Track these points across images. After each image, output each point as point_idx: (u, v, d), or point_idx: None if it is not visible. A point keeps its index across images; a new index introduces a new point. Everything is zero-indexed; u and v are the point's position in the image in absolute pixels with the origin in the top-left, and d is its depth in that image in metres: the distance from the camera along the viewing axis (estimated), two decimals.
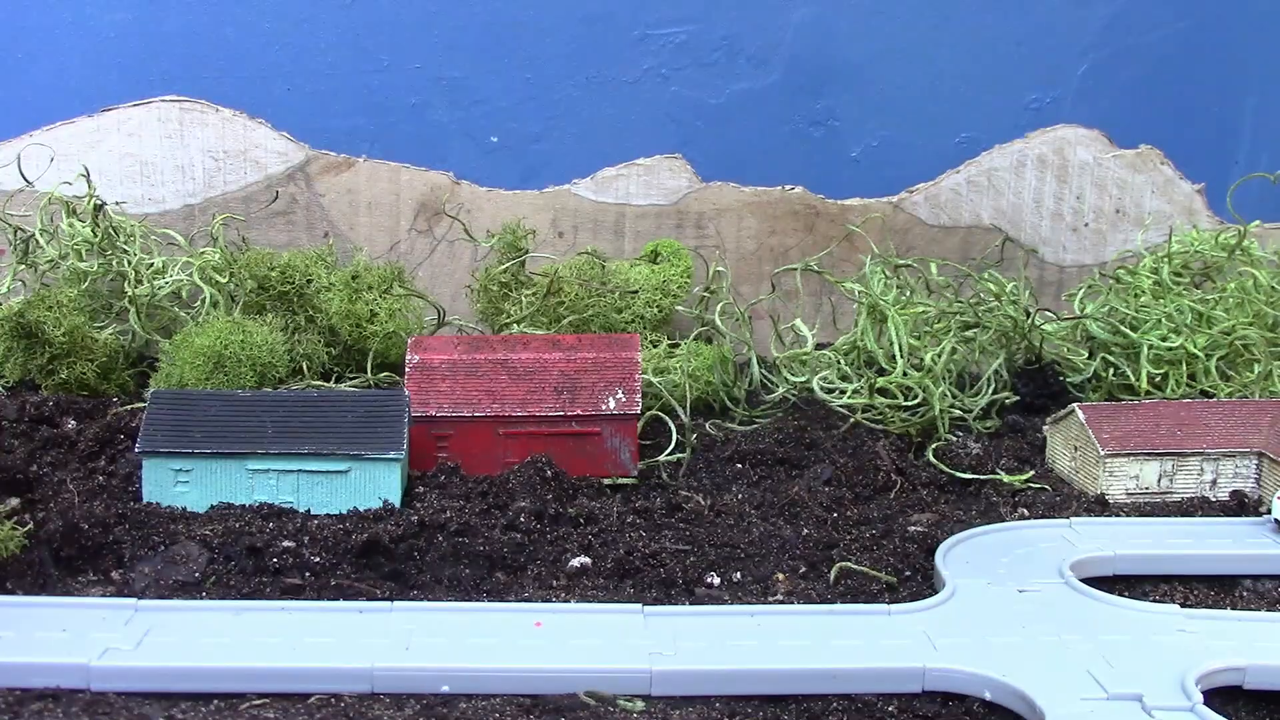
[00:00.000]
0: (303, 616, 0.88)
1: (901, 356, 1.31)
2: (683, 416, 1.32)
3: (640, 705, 0.80)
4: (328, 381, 1.47)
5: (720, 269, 1.60)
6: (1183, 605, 0.96)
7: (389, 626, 0.86)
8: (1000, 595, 0.94)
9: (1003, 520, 1.13)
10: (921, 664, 0.83)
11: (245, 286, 1.49)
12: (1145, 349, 1.41)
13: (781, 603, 0.97)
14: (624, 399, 1.22)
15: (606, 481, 1.22)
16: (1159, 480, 1.19)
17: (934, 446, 1.29)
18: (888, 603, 0.97)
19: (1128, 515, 1.15)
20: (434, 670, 0.81)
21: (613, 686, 0.80)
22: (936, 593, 0.96)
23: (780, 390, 1.43)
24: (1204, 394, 1.39)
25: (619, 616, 0.89)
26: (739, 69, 1.72)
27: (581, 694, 0.80)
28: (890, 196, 1.75)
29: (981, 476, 1.24)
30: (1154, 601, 0.98)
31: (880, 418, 1.33)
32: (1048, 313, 1.51)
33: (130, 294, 1.44)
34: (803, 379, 1.38)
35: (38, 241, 1.48)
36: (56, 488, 1.13)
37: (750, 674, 0.82)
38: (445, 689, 0.80)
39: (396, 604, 0.90)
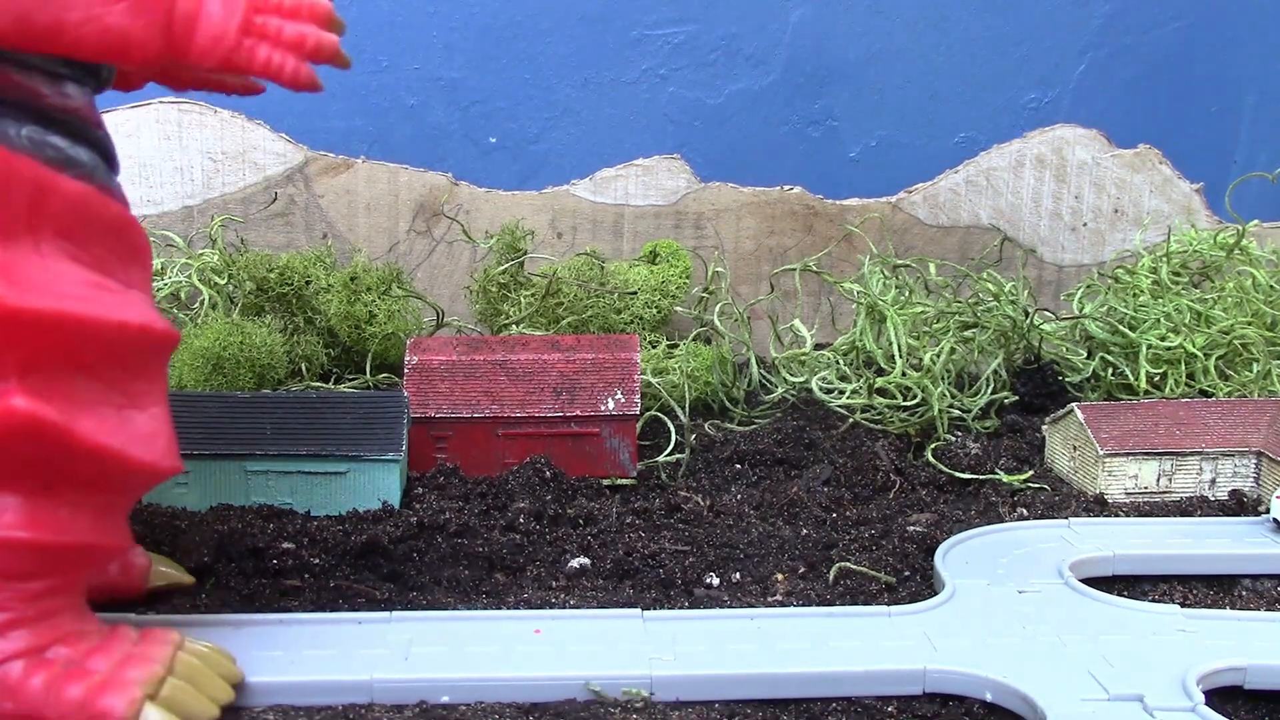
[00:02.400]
0: (301, 629, 0.88)
1: (900, 356, 1.31)
2: (681, 417, 1.32)
3: (645, 694, 0.80)
4: (326, 383, 1.47)
5: (719, 269, 1.61)
6: (1182, 605, 0.96)
7: (388, 637, 0.86)
8: (1000, 596, 0.94)
9: (1002, 520, 1.13)
10: (922, 666, 0.83)
11: (244, 288, 1.49)
12: (1144, 348, 1.41)
13: (780, 603, 0.97)
14: (623, 400, 1.22)
15: (605, 482, 1.22)
16: (1158, 480, 1.19)
17: (933, 446, 1.29)
18: (887, 603, 0.97)
19: (1126, 515, 1.15)
20: (433, 681, 0.81)
21: (613, 691, 0.80)
22: (935, 593, 0.96)
23: (779, 391, 1.43)
24: (1203, 393, 1.40)
25: (618, 621, 0.89)
26: (737, 69, 1.72)
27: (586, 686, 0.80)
28: (889, 196, 1.75)
29: (980, 476, 1.24)
30: (1153, 601, 0.98)
31: (879, 418, 1.33)
32: (1046, 312, 1.51)
33: None
34: (801, 379, 1.38)
35: None
36: None
37: (750, 678, 0.82)
38: (445, 699, 0.80)
39: (395, 614, 0.89)
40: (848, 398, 1.33)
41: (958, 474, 1.24)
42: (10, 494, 0.68)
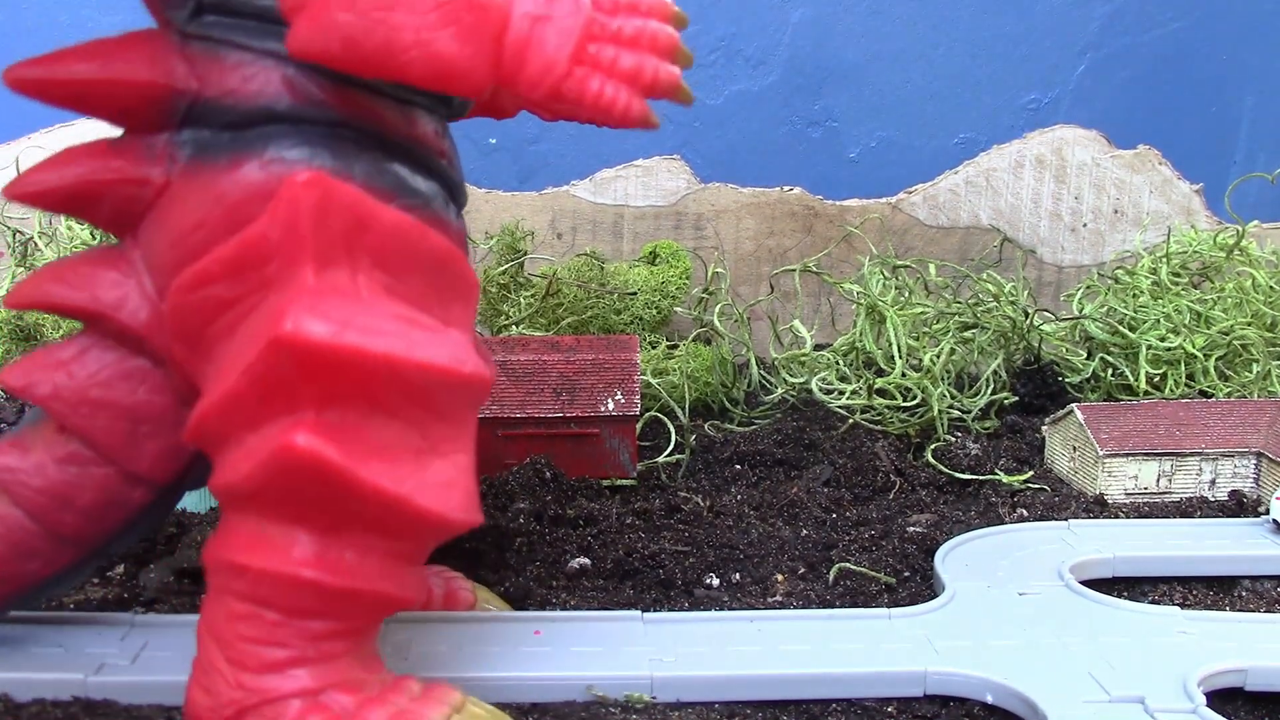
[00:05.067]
0: None
1: (900, 357, 1.31)
2: (681, 418, 1.32)
3: (647, 698, 0.80)
4: None
5: (719, 270, 1.60)
6: (1182, 606, 0.96)
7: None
8: (1000, 598, 0.94)
9: (1002, 521, 1.13)
10: (923, 668, 0.83)
11: None
12: (1144, 349, 1.41)
13: (780, 604, 0.97)
14: (623, 400, 1.22)
15: (605, 483, 1.22)
16: (1158, 480, 1.20)
17: (933, 447, 1.29)
18: (886, 603, 0.97)
19: (1126, 516, 1.15)
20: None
21: (613, 693, 0.80)
22: (935, 594, 0.96)
23: (779, 391, 1.43)
24: (1203, 394, 1.40)
25: (618, 622, 0.89)
26: (737, 70, 1.72)
27: (587, 689, 0.80)
28: (889, 197, 1.75)
29: (980, 477, 1.24)
30: (1153, 603, 0.98)
31: (879, 418, 1.33)
32: (1046, 313, 1.51)
33: None
34: (801, 380, 1.38)
35: (36, 244, 1.48)
36: None
37: (750, 679, 0.82)
38: None
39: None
40: (847, 398, 1.33)
41: (958, 475, 1.24)
42: (299, 530, 0.65)
